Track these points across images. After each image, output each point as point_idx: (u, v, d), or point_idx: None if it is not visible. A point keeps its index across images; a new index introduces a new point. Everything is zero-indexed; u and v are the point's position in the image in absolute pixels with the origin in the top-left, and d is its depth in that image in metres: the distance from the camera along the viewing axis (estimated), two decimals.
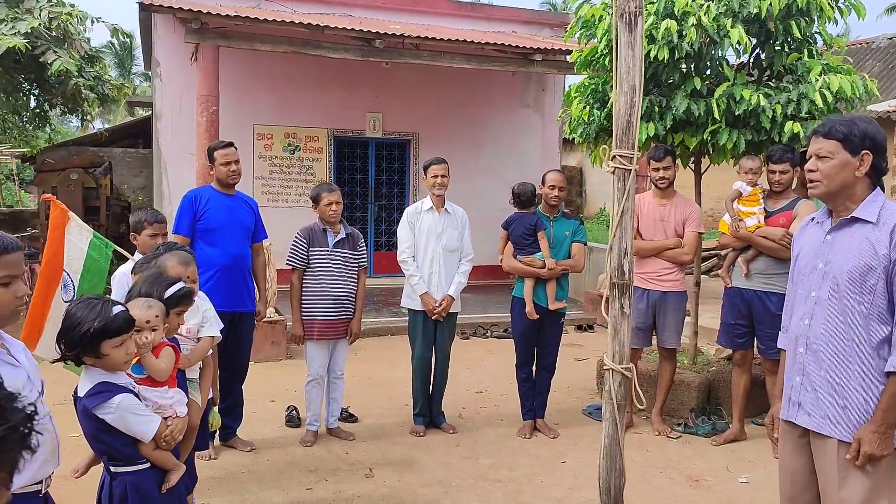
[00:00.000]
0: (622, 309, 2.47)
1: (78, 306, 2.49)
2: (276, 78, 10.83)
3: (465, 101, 11.97)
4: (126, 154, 16.53)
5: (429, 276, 5.41)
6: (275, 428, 5.54)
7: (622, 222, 2.41)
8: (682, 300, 5.49)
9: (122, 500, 2.56)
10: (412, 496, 4.41)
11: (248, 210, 5.08)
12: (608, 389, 2.57)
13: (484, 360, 7.72)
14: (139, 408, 2.57)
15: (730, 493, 4.54)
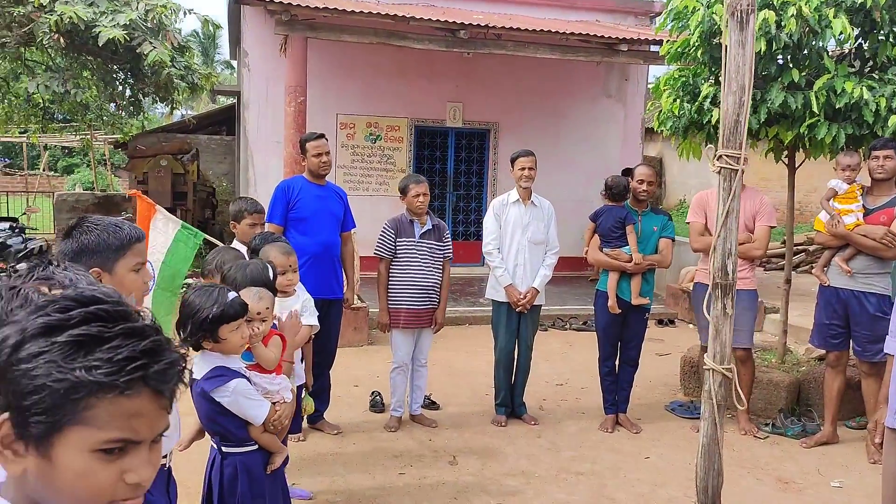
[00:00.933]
0: (724, 309, 2.44)
1: (195, 294, 2.61)
2: (360, 68, 10.98)
3: (546, 90, 11.90)
4: (211, 141, 17.08)
5: (514, 269, 5.43)
6: (359, 412, 5.67)
7: (727, 223, 2.38)
8: (753, 298, 5.34)
9: (231, 479, 2.69)
10: (496, 485, 4.47)
11: (338, 200, 5.20)
12: (707, 389, 2.56)
13: (564, 353, 7.71)
14: (252, 392, 2.68)
15: (822, 496, 4.43)
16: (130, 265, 2.11)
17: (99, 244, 2.07)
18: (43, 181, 24.36)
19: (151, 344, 1.00)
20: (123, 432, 0.99)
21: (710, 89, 5.64)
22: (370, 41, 8.63)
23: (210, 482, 2.72)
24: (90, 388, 0.96)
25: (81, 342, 0.97)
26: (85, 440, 0.98)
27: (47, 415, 0.96)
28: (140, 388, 0.99)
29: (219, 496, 2.69)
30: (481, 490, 4.40)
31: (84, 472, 0.98)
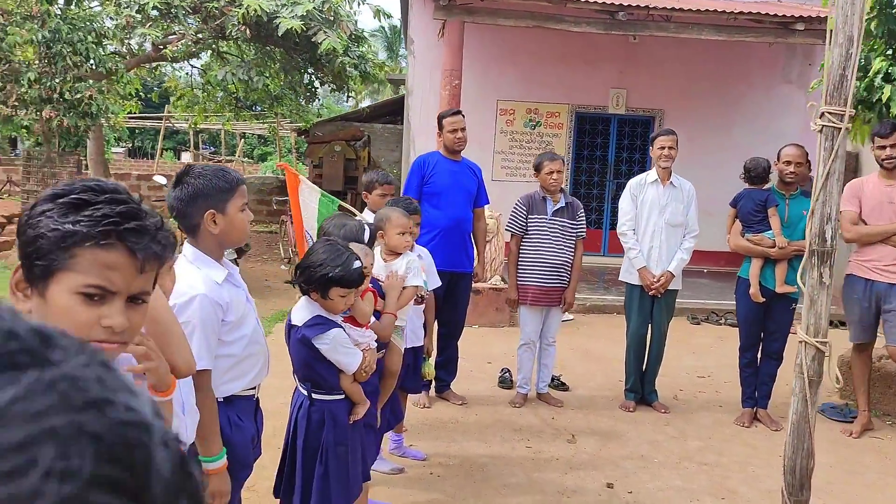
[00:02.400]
0: (820, 278, 2.26)
1: (325, 248, 2.76)
2: (521, 53, 11.02)
3: (717, 76, 11.33)
4: (385, 129, 17.83)
5: (648, 251, 5.28)
6: (487, 387, 5.76)
7: (827, 185, 2.20)
8: None
9: (318, 425, 2.84)
10: (612, 466, 4.39)
11: (472, 176, 5.30)
12: (799, 363, 2.38)
13: (713, 347, 7.37)
14: (348, 342, 2.83)
15: None
16: (238, 205, 2.31)
17: (212, 188, 2.27)
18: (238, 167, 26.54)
19: (128, 209, 1.24)
20: (100, 280, 1.23)
21: (882, 64, 5.17)
22: (526, 24, 8.65)
23: (295, 425, 2.88)
24: (75, 238, 1.20)
25: (74, 205, 1.22)
26: (70, 283, 1.22)
27: (44, 259, 1.21)
28: (115, 243, 1.22)
29: (304, 440, 2.84)
30: (594, 468, 4.34)
31: (68, 310, 1.23)
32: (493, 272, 7.85)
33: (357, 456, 2.98)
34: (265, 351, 2.48)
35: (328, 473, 2.82)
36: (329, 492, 2.83)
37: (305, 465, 2.83)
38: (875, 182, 4.98)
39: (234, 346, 2.32)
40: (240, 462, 2.35)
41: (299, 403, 2.88)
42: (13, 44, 8.29)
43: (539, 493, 3.99)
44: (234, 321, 2.31)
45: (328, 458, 2.81)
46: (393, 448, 4.38)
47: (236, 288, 2.39)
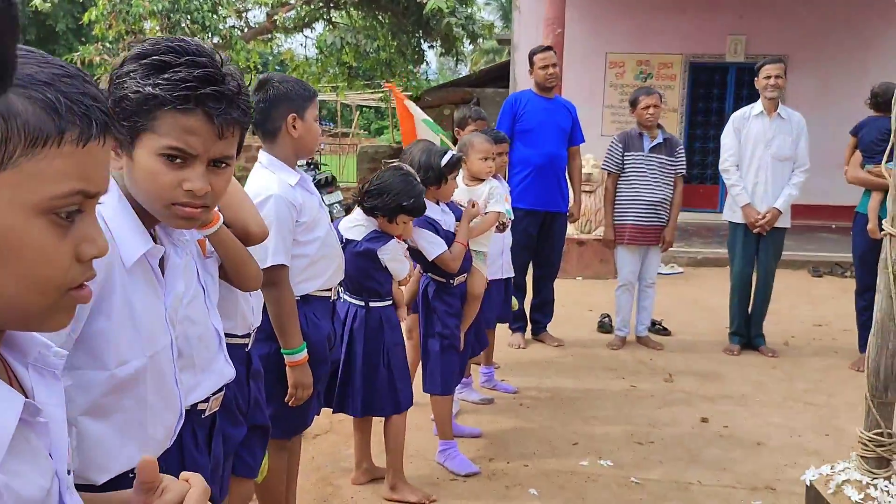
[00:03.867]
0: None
1: (400, 177, 2.88)
2: (631, 4, 10.67)
3: (849, 16, 10.53)
4: (496, 93, 17.74)
5: (753, 187, 5.03)
6: (586, 332, 5.69)
7: None
8: None
9: (377, 329, 2.97)
10: (707, 403, 4.25)
11: (567, 114, 5.21)
12: (884, 257, 2.23)
13: (833, 298, 6.94)
14: (400, 253, 2.96)
15: None
16: (314, 114, 2.42)
17: (294, 93, 2.38)
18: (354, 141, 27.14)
19: (206, 73, 1.26)
20: (179, 143, 1.26)
21: None
22: None
23: (352, 335, 2.97)
24: (155, 101, 1.23)
25: (156, 66, 1.24)
26: (152, 144, 1.27)
27: (128, 120, 1.25)
28: (193, 108, 1.25)
29: (364, 345, 2.95)
30: (689, 405, 4.22)
31: (152, 172, 1.28)
32: (597, 223, 7.70)
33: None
34: (339, 254, 2.58)
35: (392, 371, 2.98)
36: (395, 387, 2.99)
37: (366, 368, 2.96)
38: None
39: (309, 246, 2.41)
40: (318, 357, 2.46)
41: (353, 314, 2.98)
42: (137, 15, 8.83)
43: (629, 424, 3.93)
44: (308, 222, 2.40)
45: (391, 357, 2.97)
46: (484, 381, 4.43)
47: (309, 193, 2.48)
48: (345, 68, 16.04)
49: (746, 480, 3.29)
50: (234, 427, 1.93)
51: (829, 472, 2.36)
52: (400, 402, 3.02)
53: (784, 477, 3.32)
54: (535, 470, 3.37)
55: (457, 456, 3.38)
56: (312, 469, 3.35)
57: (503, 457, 3.50)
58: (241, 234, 1.87)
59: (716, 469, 3.40)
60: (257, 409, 2.06)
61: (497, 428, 3.85)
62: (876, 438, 2.29)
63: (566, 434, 3.77)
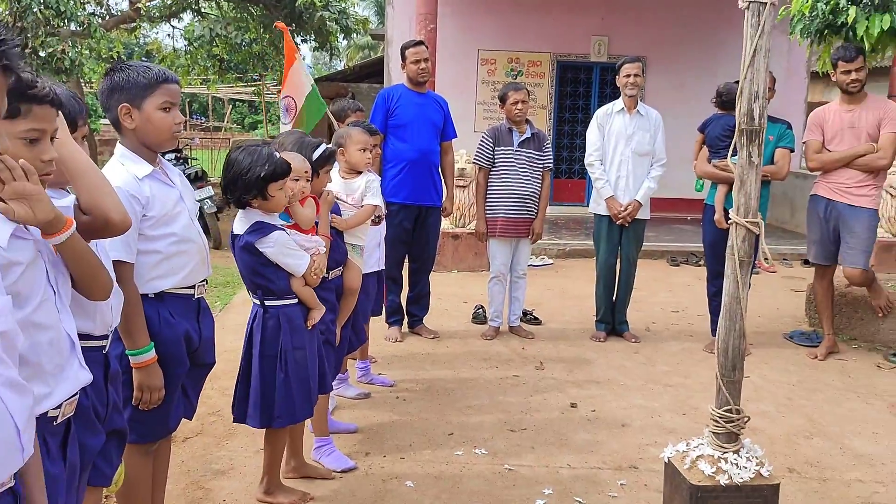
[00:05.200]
0: (749, 158, 2.26)
1: (243, 154, 2.78)
2: (502, 2, 10.92)
3: (701, 21, 11.22)
4: (371, 88, 17.69)
5: (616, 180, 5.28)
6: (461, 323, 5.79)
7: (754, 62, 2.19)
8: (872, 217, 4.84)
9: (275, 330, 2.86)
10: (576, 388, 4.43)
11: (439, 108, 5.27)
12: (731, 245, 2.40)
13: (689, 286, 7.39)
14: (293, 244, 2.85)
15: None
16: (158, 103, 2.30)
17: (128, 82, 2.27)
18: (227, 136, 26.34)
19: None
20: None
21: None
22: None
23: (251, 334, 2.90)
24: None
25: None
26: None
27: None
28: None
29: (261, 347, 2.86)
30: (559, 391, 4.38)
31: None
32: (471, 217, 7.85)
33: (315, 362, 3.00)
34: (201, 250, 2.48)
35: (289, 378, 2.85)
36: (292, 397, 2.86)
37: (264, 374, 2.85)
38: (836, 109, 4.99)
39: (160, 241, 2.32)
40: (173, 358, 2.37)
41: (253, 314, 2.90)
42: None
43: (502, 412, 4.04)
44: (158, 217, 2.31)
45: (288, 362, 2.84)
46: (360, 376, 4.42)
47: (166, 185, 2.38)
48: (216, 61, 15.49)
49: (612, 461, 3.46)
50: (93, 436, 1.84)
51: (685, 448, 2.52)
52: (296, 413, 2.90)
53: (646, 455, 3.52)
54: (412, 462, 3.40)
55: (333, 452, 3.36)
56: (182, 473, 3.24)
57: (379, 451, 3.51)
58: (100, 222, 1.78)
59: (584, 452, 3.56)
60: (115, 413, 1.98)
61: (373, 422, 3.86)
62: (726, 415, 2.46)
63: (442, 425, 3.83)
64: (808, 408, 4.20)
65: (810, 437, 3.79)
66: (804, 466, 3.46)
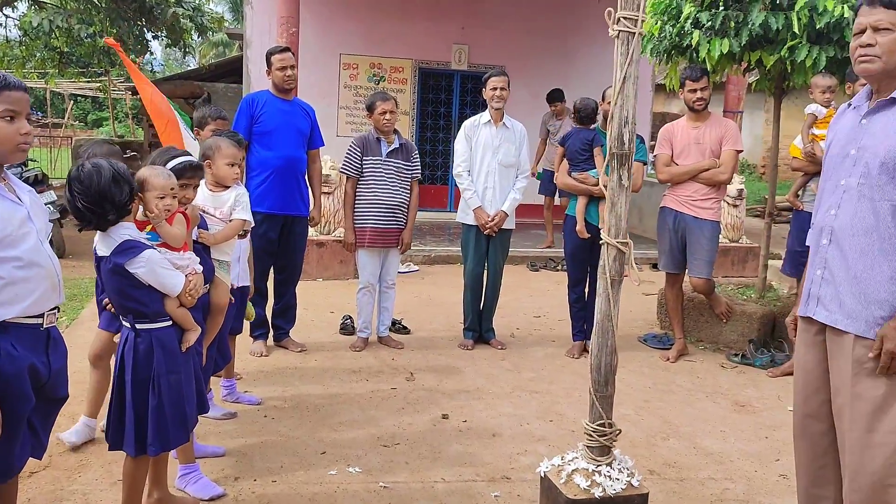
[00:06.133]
0: (620, 181, 2.37)
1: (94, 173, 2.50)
2: (361, 7, 10.87)
3: (557, 33, 11.65)
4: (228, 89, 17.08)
5: (483, 191, 5.38)
6: (329, 335, 5.70)
7: (624, 89, 2.29)
8: (715, 230, 5.25)
9: (146, 354, 2.68)
10: (447, 398, 4.47)
11: (305, 116, 5.16)
12: (602, 264, 2.50)
13: (549, 290, 7.65)
14: (165, 263, 2.68)
15: (775, 418, 4.37)
16: None
17: None
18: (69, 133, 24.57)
19: None
20: None
21: (692, 9, 5.46)
22: None
23: (122, 360, 2.71)
24: None
25: None
26: None
27: None
28: None
29: (133, 373, 2.68)
30: (431, 402, 4.40)
31: None
32: (336, 224, 7.75)
33: (192, 386, 2.86)
34: (51, 275, 2.29)
35: (162, 404, 2.70)
36: (166, 423, 2.72)
37: (136, 400, 2.68)
38: (683, 126, 5.34)
39: (1, 266, 2.12)
40: (14, 395, 2.17)
41: (124, 338, 2.71)
42: None
43: (375, 426, 4.00)
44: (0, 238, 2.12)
45: (161, 387, 2.69)
46: (225, 395, 4.25)
47: (11, 203, 2.19)
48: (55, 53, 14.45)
49: (485, 472, 3.51)
50: None
51: (560, 462, 2.59)
52: (170, 440, 2.74)
53: (518, 465, 3.60)
54: (284, 485, 3.30)
55: (199, 479, 3.20)
56: None
57: (249, 474, 3.38)
58: None
59: (458, 464, 3.58)
60: None
61: (242, 444, 3.71)
62: (599, 429, 2.55)
63: (313, 443, 3.75)
64: (663, 409, 4.45)
65: (667, 439, 4.02)
66: (663, 468, 3.66)
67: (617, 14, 2.27)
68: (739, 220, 9.12)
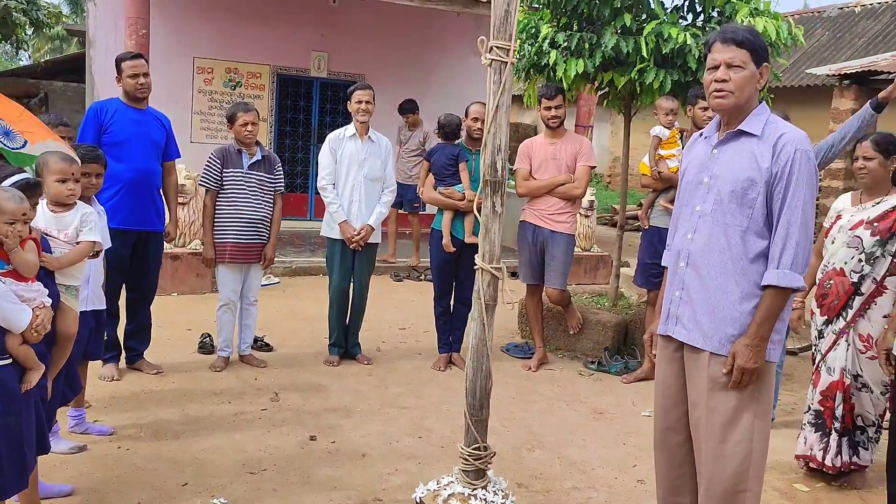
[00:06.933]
0: (493, 208, 2.41)
1: None
2: (218, 9, 10.49)
3: (415, 43, 11.73)
4: (67, 88, 15.95)
5: (349, 205, 5.32)
6: (186, 354, 5.44)
7: (497, 118, 2.34)
8: (570, 243, 5.49)
9: None
10: (314, 418, 4.37)
11: (159, 126, 4.90)
12: (477, 289, 2.53)
13: (413, 301, 7.69)
14: (12, 296, 2.47)
15: (631, 424, 4.60)
16: None
17: None
18: None
19: None
20: None
21: (549, 30, 5.68)
22: None
23: None
24: None
25: None
26: None
27: None
28: None
29: None
30: (297, 423, 4.29)
31: None
32: (192, 236, 7.42)
33: (32, 427, 2.63)
34: None
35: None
36: (2, 469, 2.48)
37: None
38: (542, 142, 5.53)
39: None
40: None
41: None
42: None
43: (240, 452, 3.85)
44: None
45: None
46: (73, 426, 3.94)
47: None
48: None
49: (356, 495, 3.46)
50: None
51: (436, 487, 2.60)
52: (7, 487, 2.50)
53: (389, 486, 3.57)
54: None
55: None
56: None
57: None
58: None
59: (328, 488, 3.51)
60: None
61: (93, 480, 3.46)
62: (474, 453, 2.57)
63: (174, 475, 3.55)
64: (527, 420, 4.58)
65: (532, 450, 4.13)
66: (530, 480, 3.75)
67: (489, 43, 2.31)
68: (591, 230, 9.56)
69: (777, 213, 2.50)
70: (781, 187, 2.49)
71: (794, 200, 2.48)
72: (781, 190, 2.49)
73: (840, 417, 3.80)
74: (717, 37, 2.61)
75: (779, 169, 2.49)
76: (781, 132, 2.53)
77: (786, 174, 2.48)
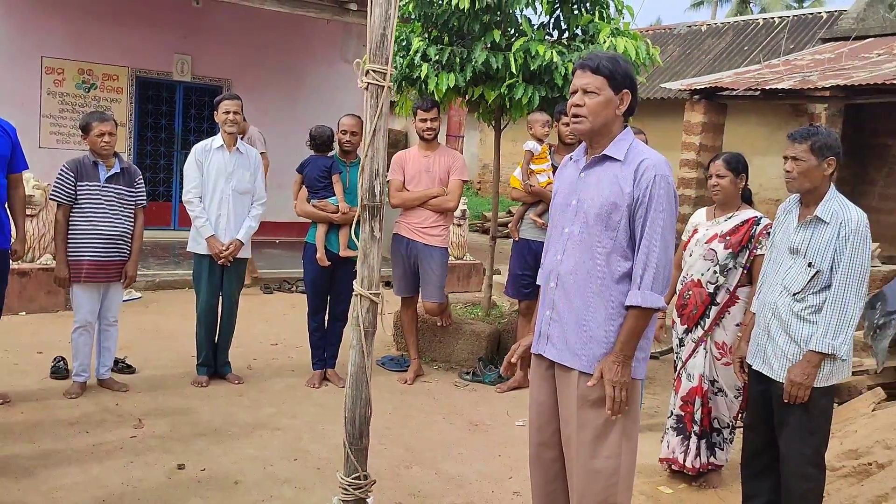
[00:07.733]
0: (372, 232, 2.39)
1: None
2: (69, 6, 9.85)
3: (284, 49, 11.49)
4: None
5: (216, 219, 5.13)
6: (37, 380, 5.05)
7: (374, 141, 2.31)
8: (444, 255, 5.56)
9: None
10: (182, 445, 4.17)
11: (3, 136, 4.52)
12: (356, 316, 2.50)
13: (285, 314, 7.51)
14: None
15: (506, 435, 4.68)
16: None
17: None
18: None
19: None
20: None
21: (420, 44, 5.71)
22: None
23: None
24: None
25: None
26: None
27: None
28: None
29: None
30: (164, 451, 4.08)
31: None
32: (41, 250, 6.92)
33: None
34: None
35: None
36: None
37: None
38: (416, 154, 5.55)
39: None
40: None
41: None
42: None
43: (100, 487, 3.61)
44: None
45: None
46: None
47: None
48: None
49: None
50: None
51: None
52: None
53: None
54: None
55: None
56: None
57: None
58: None
59: None
60: None
61: None
62: (355, 482, 2.53)
63: None
64: (404, 436, 4.56)
65: (410, 467, 4.12)
66: (408, 498, 3.74)
67: (366, 67, 2.28)
68: (464, 239, 9.70)
69: (639, 235, 2.61)
70: (643, 211, 2.59)
71: (654, 223, 2.59)
72: (643, 213, 2.59)
73: (699, 421, 4.03)
74: (577, 63, 2.71)
75: (640, 193, 2.60)
76: (643, 157, 2.64)
77: (646, 198, 2.59)
